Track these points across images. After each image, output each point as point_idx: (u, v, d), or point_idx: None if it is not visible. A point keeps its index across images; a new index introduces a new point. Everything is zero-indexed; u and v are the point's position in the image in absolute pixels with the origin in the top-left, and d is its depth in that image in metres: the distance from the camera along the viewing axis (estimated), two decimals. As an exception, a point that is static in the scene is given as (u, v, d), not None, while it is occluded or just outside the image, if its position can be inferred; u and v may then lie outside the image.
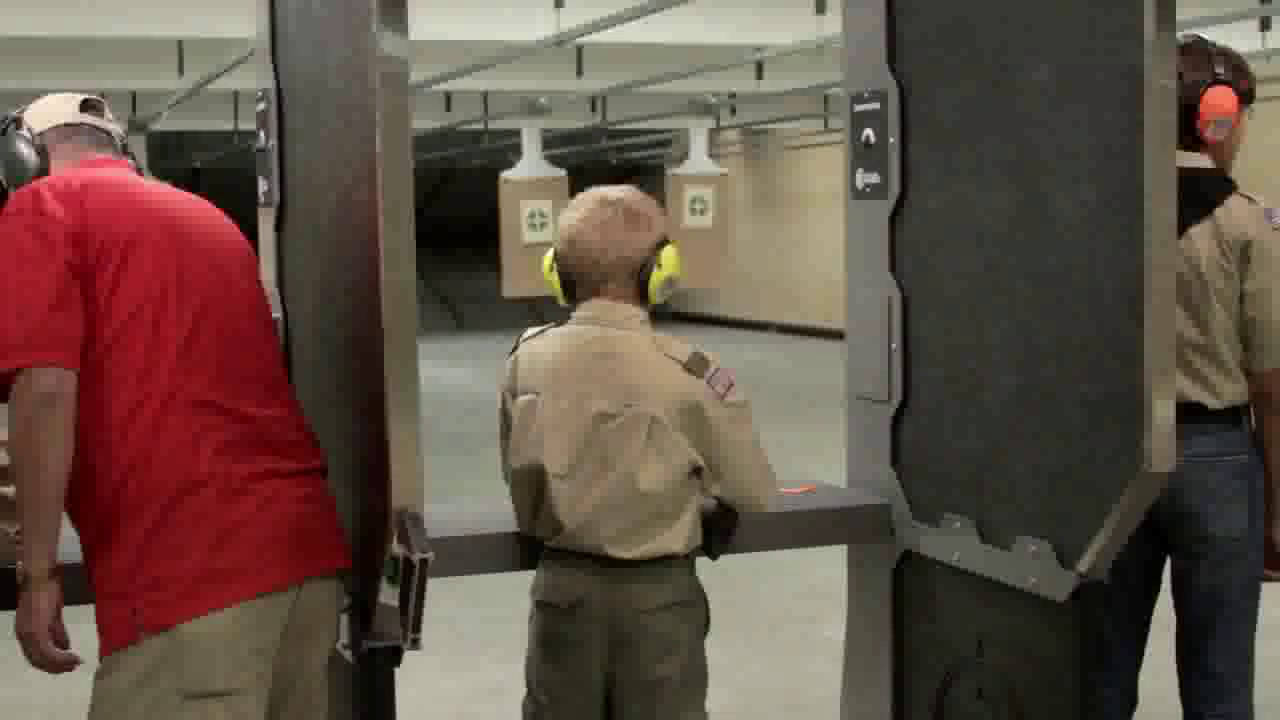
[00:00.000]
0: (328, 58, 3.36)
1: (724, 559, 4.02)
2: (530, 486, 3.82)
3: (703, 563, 3.93)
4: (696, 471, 3.78)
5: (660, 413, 3.73)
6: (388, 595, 3.09)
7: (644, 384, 3.75)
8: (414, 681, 5.13)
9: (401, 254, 2.99)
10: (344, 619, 3.33)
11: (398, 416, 3.00)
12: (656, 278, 3.82)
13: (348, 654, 3.37)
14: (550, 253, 3.92)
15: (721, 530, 3.93)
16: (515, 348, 3.93)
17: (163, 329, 3.10)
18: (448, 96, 16.71)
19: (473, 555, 4.00)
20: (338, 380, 3.40)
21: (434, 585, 3.05)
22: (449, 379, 18.68)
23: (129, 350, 3.07)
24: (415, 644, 3.09)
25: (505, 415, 3.92)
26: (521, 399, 3.84)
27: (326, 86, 3.38)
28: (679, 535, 3.78)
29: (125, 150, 3.49)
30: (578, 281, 3.86)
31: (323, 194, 3.46)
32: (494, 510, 4.05)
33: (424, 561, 3.01)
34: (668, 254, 3.85)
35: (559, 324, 3.91)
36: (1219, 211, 4.10)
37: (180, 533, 3.03)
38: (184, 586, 3.01)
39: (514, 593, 3.93)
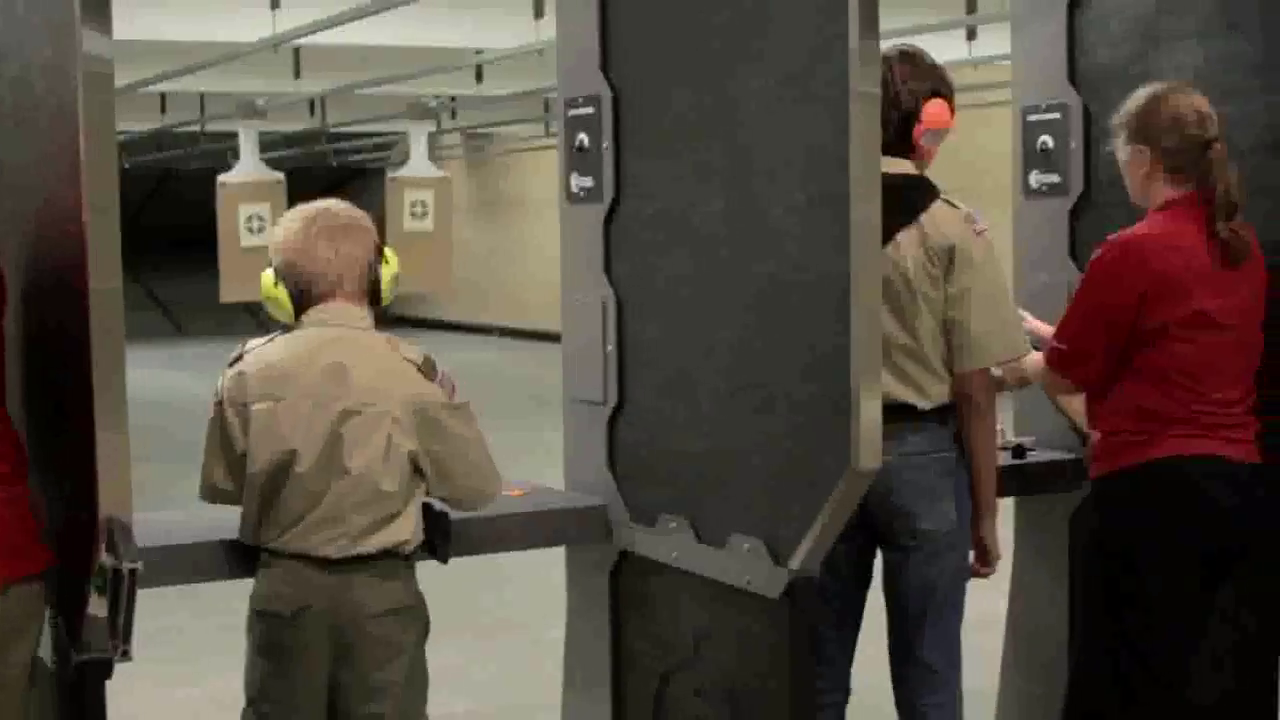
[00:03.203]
0: (31, 58, 3.29)
1: (448, 563, 4.01)
2: (268, 487, 3.78)
3: (426, 568, 3.93)
4: (418, 471, 3.83)
5: (399, 412, 3.79)
6: (97, 606, 3.03)
7: (384, 384, 3.81)
8: (136, 693, 5.04)
9: (108, 258, 2.94)
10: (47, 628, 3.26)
11: (105, 424, 2.94)
12: (387, 276, 3.94)
13: (52, 665, 3.30)
14: (270, 271, 3.90)
15: (443, 534, 3.93)
16: (237, 359, 3.87)
17: None
18: (163, 98, 16.40)
19: (187, 564, 3.93)
20: (46, 388, 3.32)
21: (161, 594, 2.99)
22: (168, 385, 18.34)
23: None
24: (125, 655, 3.03)
25: (223, 428, 3.85)
26: (258, 406, 3.79)
27: (30, 87, 3.31)
28: (405, 526, 3.81)
29: None
30: (307, 293, 3.88)
31: (28, 197, 3.38)
32: (210, 517, 3.99)
33: (133, 571, 2.96)
34: (389, 253, 3.97)
35: (285, 331, 3.91)
36: (924, 217, 4.19)
37: None
38: None
39: (244, 601, 3.88)
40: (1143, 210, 4.31)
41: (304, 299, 3.89)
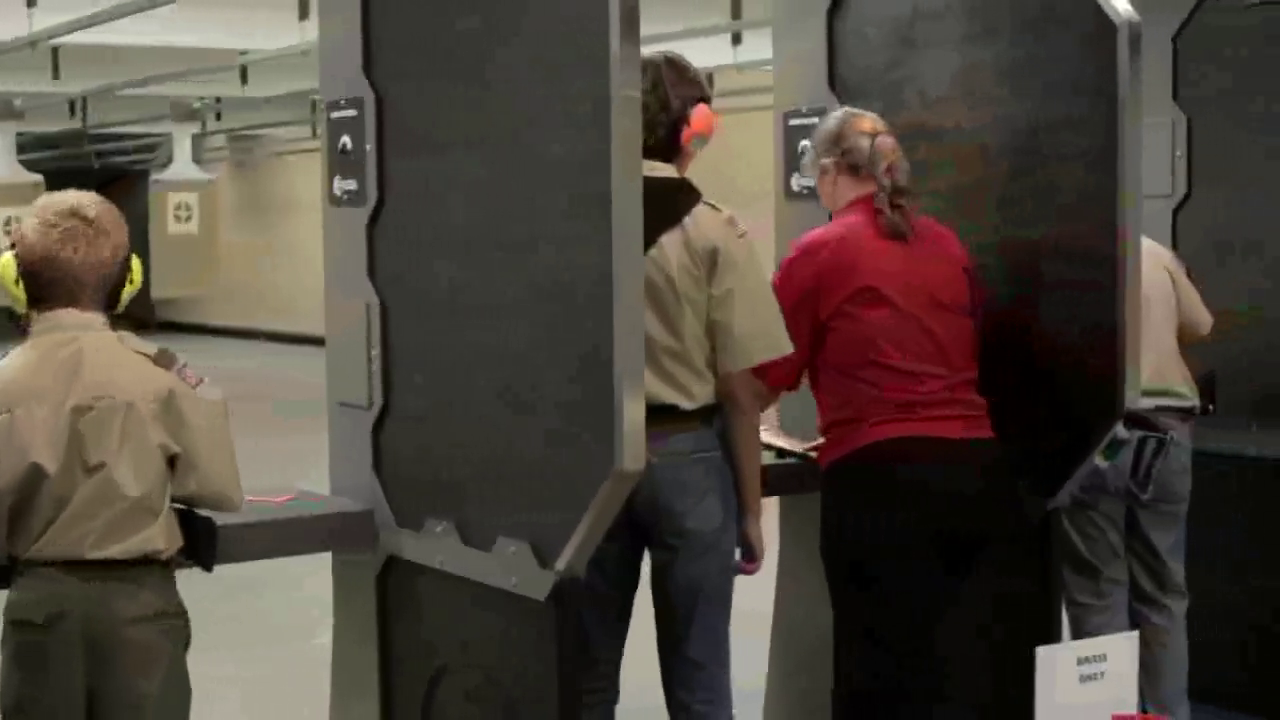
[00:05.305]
0: None
1: (214, 571, 3.96)
2: (18, 500, 3.69)
3: (194, 576, 3.88)
4: (172, 463, 3.77)
5: (136, 403, 3.72)
6: None
7: (116, 377, 3.74)
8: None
9: None
10: None
11: None
12: (127, 291, 3.88)
13: None
14: (11, 258, 3.81)
15: (205, 541, 3.88)
16: None
17: None
18: (-87, 98, 15.99)
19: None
20: None
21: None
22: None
23: None
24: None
25: None
26: None
27: None
28: (159, 533, 3.74)
29: None
30: (47, 295, 3.80)
31: None
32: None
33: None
34: (135, 264, 3.90)
35: (16, 343, 3.83)
36: (688, 220, 4.24)
37: None
38: None
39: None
40: None
41: (41, 300, 3.80)
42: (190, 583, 3.88)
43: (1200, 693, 5.52)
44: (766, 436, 4.69)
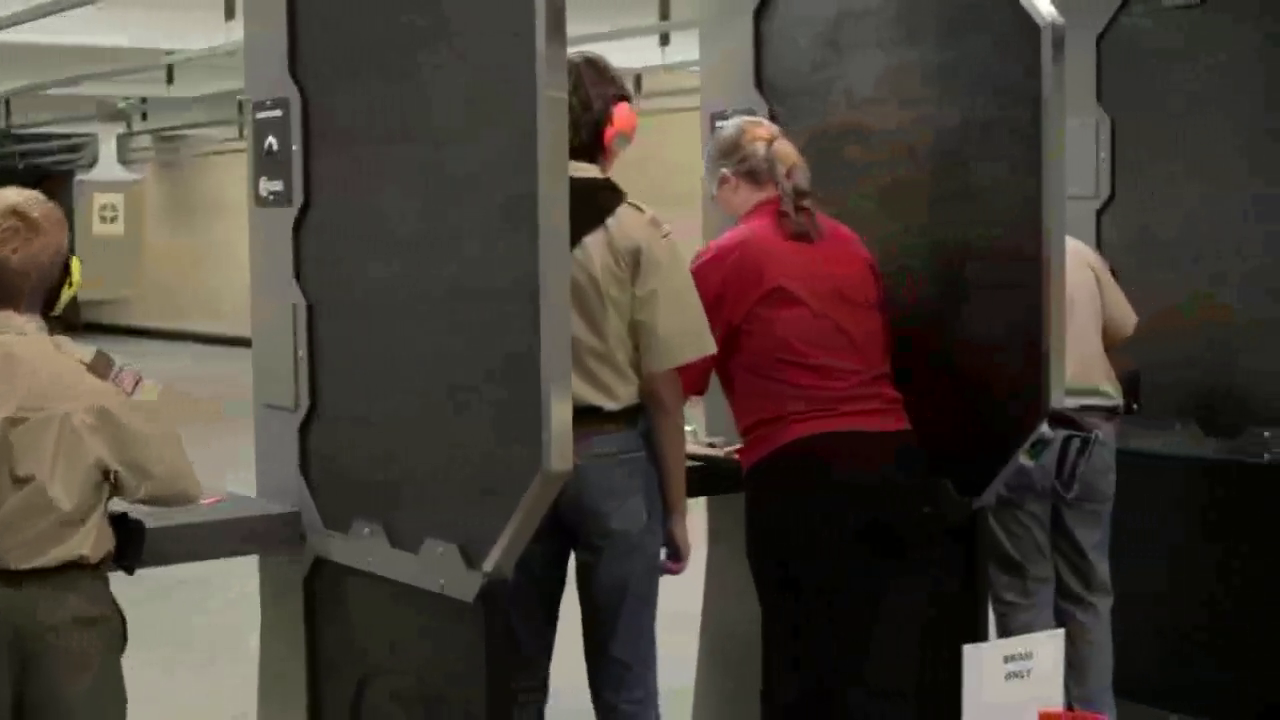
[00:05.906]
0: None
1: (140, 573, 3.93)
2: None
3: (121, 578, 3.85)
4: (107, 475, 3.72)
5: (72, 414, 3.67)
6: None
7: (52, 386, 3.69)
8: None
9: None
10: None
11: None
12: (66, 294, 3.85)
13: None
14: None
15: (133, 543, 3.85)
16: None
17: None
18: None
19: None
20: None
21: None
22: None
23: None
24: None
25: None
26: None
27: None
28: (86, 539, 3.70)
29: None
30: None
31: None
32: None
33: None
34: (75, 265, 3.87)
35: None
36: (611, 221, 4.24)
37: None
38: None
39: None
40: None
41: None
42: (125, 584, 3.85)
43: (1125, 689, 5.56)
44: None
